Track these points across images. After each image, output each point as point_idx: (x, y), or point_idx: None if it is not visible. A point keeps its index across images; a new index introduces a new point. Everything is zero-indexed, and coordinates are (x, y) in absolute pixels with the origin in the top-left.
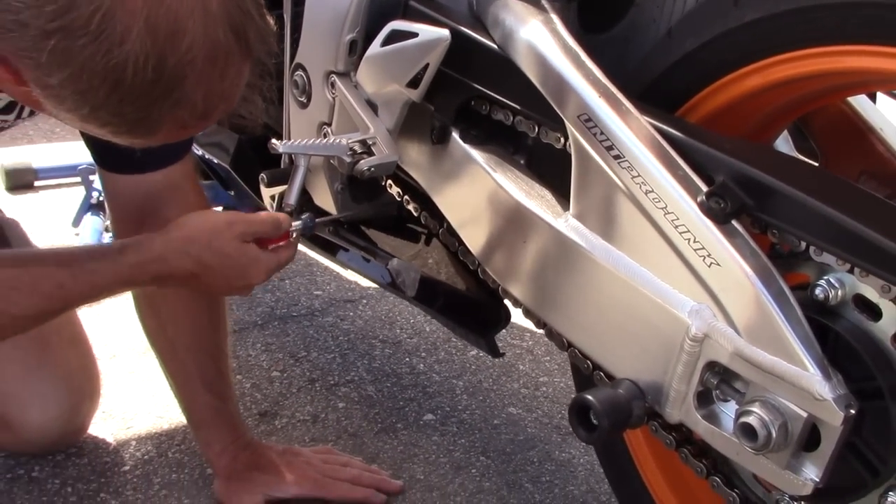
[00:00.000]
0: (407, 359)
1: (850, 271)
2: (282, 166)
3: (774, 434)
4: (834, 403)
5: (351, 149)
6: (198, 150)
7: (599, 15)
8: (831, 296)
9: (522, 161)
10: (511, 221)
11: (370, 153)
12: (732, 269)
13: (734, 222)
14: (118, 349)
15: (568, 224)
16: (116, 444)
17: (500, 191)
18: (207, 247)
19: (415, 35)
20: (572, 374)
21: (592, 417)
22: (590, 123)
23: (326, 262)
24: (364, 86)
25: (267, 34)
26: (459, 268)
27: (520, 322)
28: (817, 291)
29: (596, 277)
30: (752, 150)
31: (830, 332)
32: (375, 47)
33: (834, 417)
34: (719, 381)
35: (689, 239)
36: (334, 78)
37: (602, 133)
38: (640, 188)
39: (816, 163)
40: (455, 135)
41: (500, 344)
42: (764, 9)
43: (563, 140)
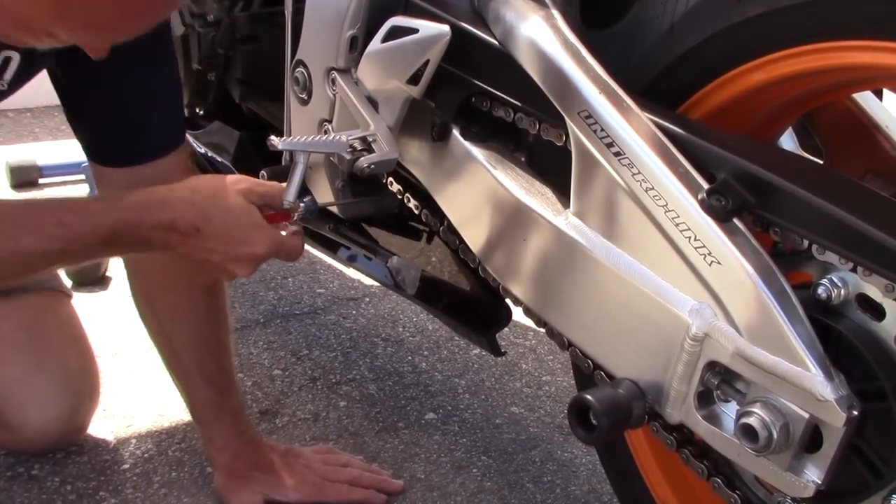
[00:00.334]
0: (409, 357)
1: (854, 270)
2: (283, 163)
3: (776, 435)
4: (836, 404)
5: (351, 146)
6: (200, 148)
7: (602, 11)
8: (834, 295)
9: (523, 158)
10: (511, 219)
11: (370, 150)
12: (733, 268)
13: (735, 220)
14: (120, 347)
15: (568, 222)
16: (116, 442)
17: (501, 188)
18: (212, 198)
19: (415, 31)
20: (574, 374)
21: (592, 417)
22: (590, 120)
23: (329, 261)
24: (364, 82)
25: None
26: (461, 266)
27: (522, 321)
28: (820, 290)
29: (596, 276)
30: (754, 147)
31: (833, 332)
32: (376, 43)
33: (836, 419)
34: (720, 382)
35: (690, 237)
36: (335, 74)
37: (602, 130)
38: (641, 185)
39: (821, 160)
40: (455, 132)
41: (503, 342)
42: (767, 4)
43: (564, 137)
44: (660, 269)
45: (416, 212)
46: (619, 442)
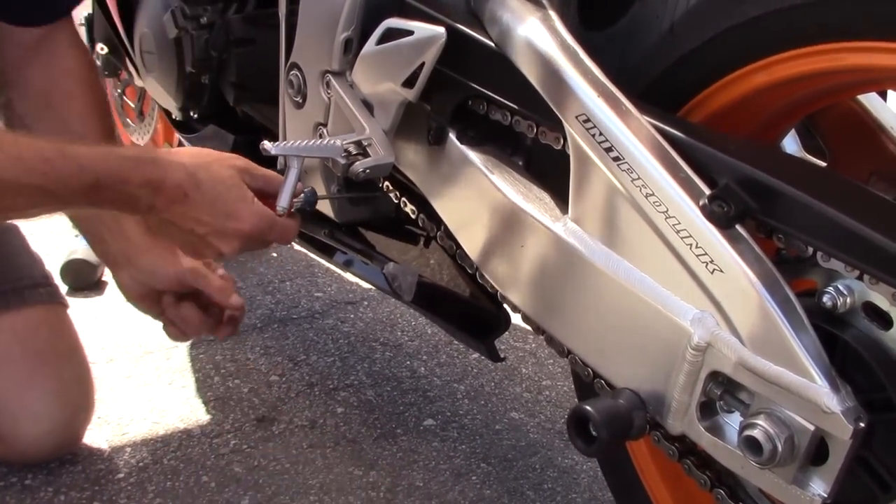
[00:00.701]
0: (408, 362)
1: (860, 278)
2: (278, 167)
3: (780, 448)
4: (842, 416)
5: (346, 150)
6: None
7: (600, 11)
8: (839, 303)
9: (521, 162)
10: (509, 225)
11: (366, 154)
12: (736, 276)
13: (738, 227)
14: (115, 353)
15: (566, 228)
16: (111, 451)
17: (498, 193)
18: (206, 167)
19: (410, 33)
20: (573, 381)
21: (591, 429)
22: (588, 124)
23: (327, 264)
24: (359, 85)
25: None
26: (459, 270)
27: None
28: (825, 299)
29: (595, 283)
30: (757, 151)
31: (839, 341)
32: (371, 46)
33: (842, 431)
34: (723, 392)
35: (692, 244)
36: (329, 77)
37: (601, 134)
38: (641, 191)
39: (825, 162)
40: (452, 136)
41: (503, 346)
42: (769, 4)
43: (562, 141)
44: (660, 277)
45: (413, 216)
46: (621, 450)
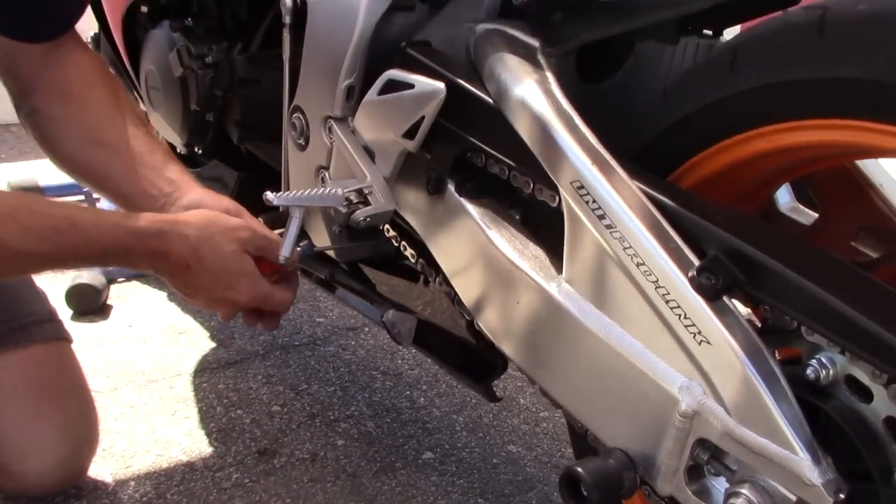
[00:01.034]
0: (407, 392)
1: (842, 353)
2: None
3: None
4: (823, 489)
5: (347, 198)
6: None
7: (598, 63)
8: (822, 375)
9: (518, 216)
10: (504, 280)
11: (366, 202)
12: (722, 348)
13: (725, 298)
14: (119, 381)
15: (560, 289)
16: (115, 485)
17: (494, 249)
18: (208, 239)
19: (411, 86)
20: (568, 429)
21: (583, 489)
22: (582, 191)
23: None
24: (361, 132)
25: None
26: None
27: None
28: (808, 371)
29: (587, 345)
30: (746, 223)
31: (822, 412)
32: (372, 95)
33: (823, 502)
34: (710, 458)
35: (680, 315)
36: (332, 123)
37: (594, 201)
38: (632, 260)
39: (817, 213)
40: (451, 187)
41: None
42: (760, 79)
43: (557, 199)
44: (650, 343)
45: (413, 260)
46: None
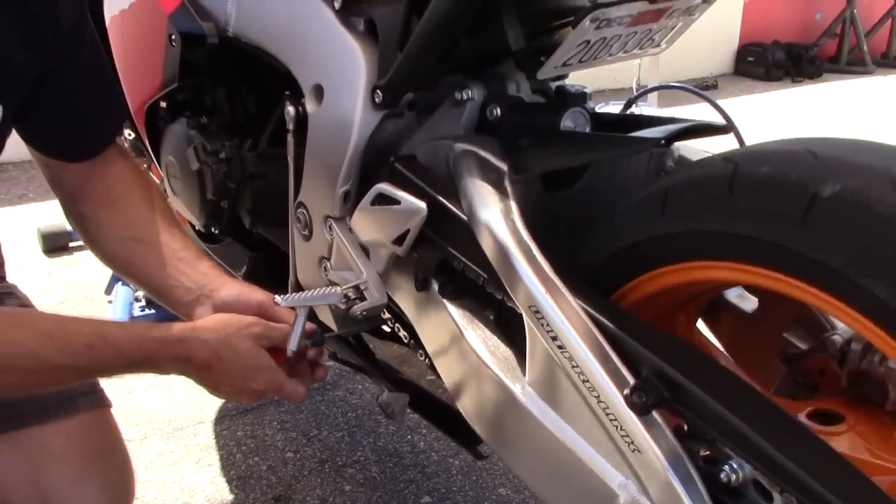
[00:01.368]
0: (409, 436)
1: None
2: (289, 291)
3: None
4: None
5: (345, 295)
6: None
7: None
8: (734, 479)
9: (491, 316)
10: (477, 374)
11: (362, 297)
12: (649, 457)
13: (654, 413)
14: (148, 429)
15: (524, 391)
16: None
17: (470, 349)
18: (226, 341)
19: (397, 202)
20: None
21: None
22: (538, 315)
23: None
24: (357, 233)
25: None
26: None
27: None
28: (722, 475)
29: (544, 439)
30: (674, 348)
31: None
32: (365, 204)
33: None
34: None
35: (617, 426)
36: (331, 221)
37: (548, 325)
38: (579, 377)
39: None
40: (434, 287)
41: None
42: (682, 225)
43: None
44: (595, 445)
45: (405, 340)
46: None
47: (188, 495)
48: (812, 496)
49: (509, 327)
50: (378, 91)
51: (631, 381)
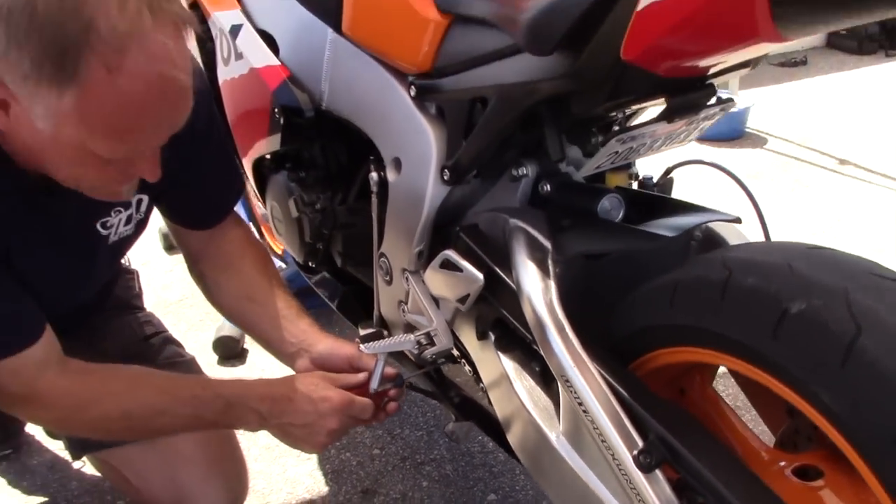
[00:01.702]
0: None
1: None
2: (374, 323)
3: None
4: None
5: (418, 342)
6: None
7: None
8: None
9: (537, 369)
10: (521, 418)
11: (432, 343)
12: None
13: (657, 471)
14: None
15: (558, 440)
16: None
17: (516, 395)
18: (296, 379)
19: (460, 270)
20: None
21: None
22: (568, 384)
23: None
24: (429, 286)
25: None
26: None
27: None
28: None
29: (571, 480)
30: (675, 418)
31: None
32: (435, 265)
33: None
34: None
35: (627, 481)
36: (407, 274)
37: (575, 392)
38: (598, 437)
39: None
40: (491, 338)
41: None
42: (684, 319)
43: None
44: (612, 492)
45: (470, 374)
46: None
47: (291, 486)
48: None
49: (549, 381)
50: (446, 170)
51: (639, 444)
